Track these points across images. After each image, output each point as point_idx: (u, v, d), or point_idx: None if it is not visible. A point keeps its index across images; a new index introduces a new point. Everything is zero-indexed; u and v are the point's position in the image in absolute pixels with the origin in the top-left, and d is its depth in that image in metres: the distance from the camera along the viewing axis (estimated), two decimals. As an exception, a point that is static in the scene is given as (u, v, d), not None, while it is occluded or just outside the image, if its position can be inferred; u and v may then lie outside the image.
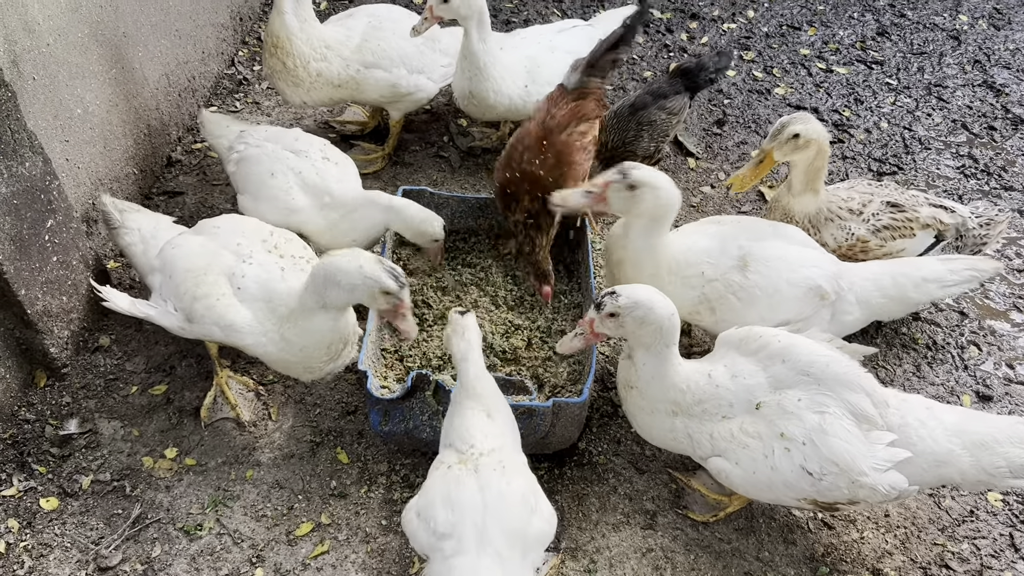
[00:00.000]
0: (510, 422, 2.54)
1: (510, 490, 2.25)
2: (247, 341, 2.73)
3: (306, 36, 3.63)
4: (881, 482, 2.40)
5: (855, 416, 2.43)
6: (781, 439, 2.46)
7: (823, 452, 2.40)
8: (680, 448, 2.68)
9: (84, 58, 3.29)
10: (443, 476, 2.32)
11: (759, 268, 2.88)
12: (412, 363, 3.17)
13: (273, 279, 2.77)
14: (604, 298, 2.49)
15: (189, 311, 2.74)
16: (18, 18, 2.87)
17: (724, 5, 5.72)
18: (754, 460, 2.49)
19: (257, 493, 2.89)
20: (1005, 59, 5.34)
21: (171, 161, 4.11)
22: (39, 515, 2.78)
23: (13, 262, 2.79)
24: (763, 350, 2.58)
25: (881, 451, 2.41)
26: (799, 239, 3.05)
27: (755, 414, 2.52)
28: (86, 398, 3.12)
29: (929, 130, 4.77)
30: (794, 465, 2.44)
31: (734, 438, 2.52)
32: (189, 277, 2.76)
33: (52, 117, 3.12)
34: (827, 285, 2.93)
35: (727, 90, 4.96)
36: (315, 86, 3.74)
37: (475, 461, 2.32)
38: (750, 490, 2.57)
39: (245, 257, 2.79)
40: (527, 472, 2.41)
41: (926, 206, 3.36)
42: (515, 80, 3.84)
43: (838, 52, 5.35)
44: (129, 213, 3.14)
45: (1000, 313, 3.74)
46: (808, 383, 2.49)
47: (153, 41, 3.82)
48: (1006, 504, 3.03)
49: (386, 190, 4.08)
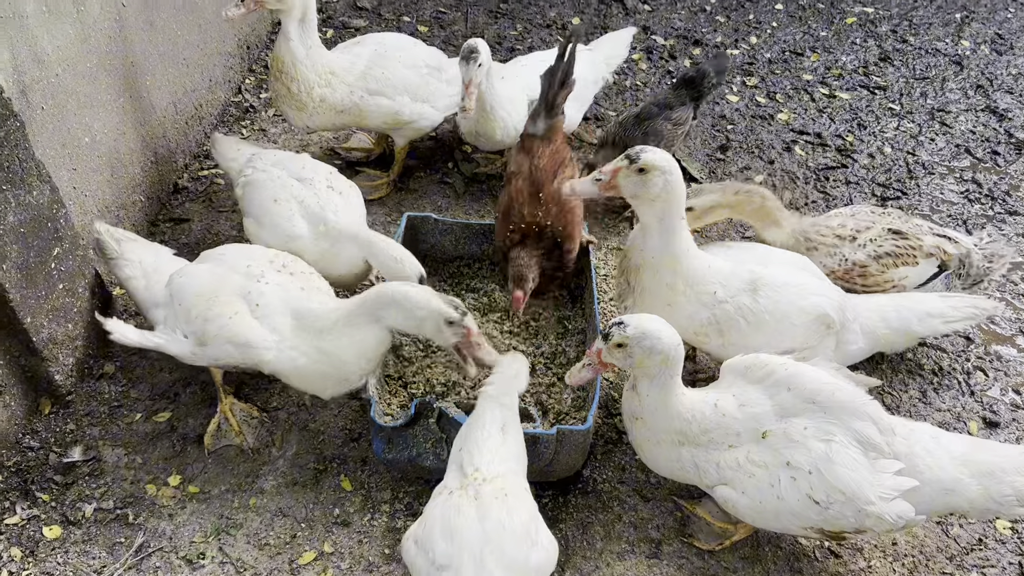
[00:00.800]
0: (519, 442, 2.54)
1: (511, 521, 2.23)
2: (266, 357, 2.74)
3: (311, 62, 3.67)
4: (888, 511, 2.38)
5: (861, 444, 2.42)
6: (787, 468, 2.44)
7: (829, 481, 2.39)
8: (686, 478, 2.67)
9: (92, 88, 3.32)
10: (444, 503, 2.31)
11: (769, 293, 2.88)
12: (416, 390, 3.17)
13: (298, 297, 2.81)
14: (612, 328, 2.48)
15: (202, 333, 2.75)
16: (28, 49, 2.90)
17: (727, 32, 5.77)
18: (760, 489, 2.47)
19: (260, 521, 2.88)
20: (1008, 84, 5.36)
21: (177, 188, 4.14)
22: (42, 544, 2.78)
23: (19, 290, 2.81)
24: (769, 378, 2.58)
25: (888, 480, 2.40)
26: (808, 268, 3.06)
27: (761, 443, 2.50)
28: (90, 425, 3.12)
29: (932, 155, 4.78)
30: (800, 494, 2.42)
31: (740, 467, 2.50)
32: (200, 301, 2.77)
33: (60, 146, 3.15)
34: (834, 314, 2.93)
35: (730, 115, 4.98)
36: (318, 111, 3.78)
37: (477, 487, 2.30)
38: (756, 519, 2.55)
39: (258, 277, 2.81)
40: (529, 500, 2.39)
41: (930, 235, 3.36)
42: (519, 112, 3.88)
43: (841, 77, 5.38)
44: (127, 243, 3.13)
45: (1006, 339, 3.73)
46: (814, 411, 2.48)
47: (161, 70, 3.87)
48: (1015, 532, 3.00)
49: (391, 216, 4.12)
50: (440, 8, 5.74)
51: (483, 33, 5.52)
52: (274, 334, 2.74)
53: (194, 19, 4.16)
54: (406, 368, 3.27)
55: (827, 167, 4.64)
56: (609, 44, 4.43)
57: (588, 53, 4.24)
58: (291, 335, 2.76)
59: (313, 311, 2.79)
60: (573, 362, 3.30)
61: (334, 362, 2.78)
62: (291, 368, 2.78)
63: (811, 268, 3.05)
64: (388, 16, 5.63)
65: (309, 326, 2.77)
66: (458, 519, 2.23)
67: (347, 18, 5.55)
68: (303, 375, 2.82)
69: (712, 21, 5.87)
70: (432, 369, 3.27)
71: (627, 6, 5.91)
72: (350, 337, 2.74)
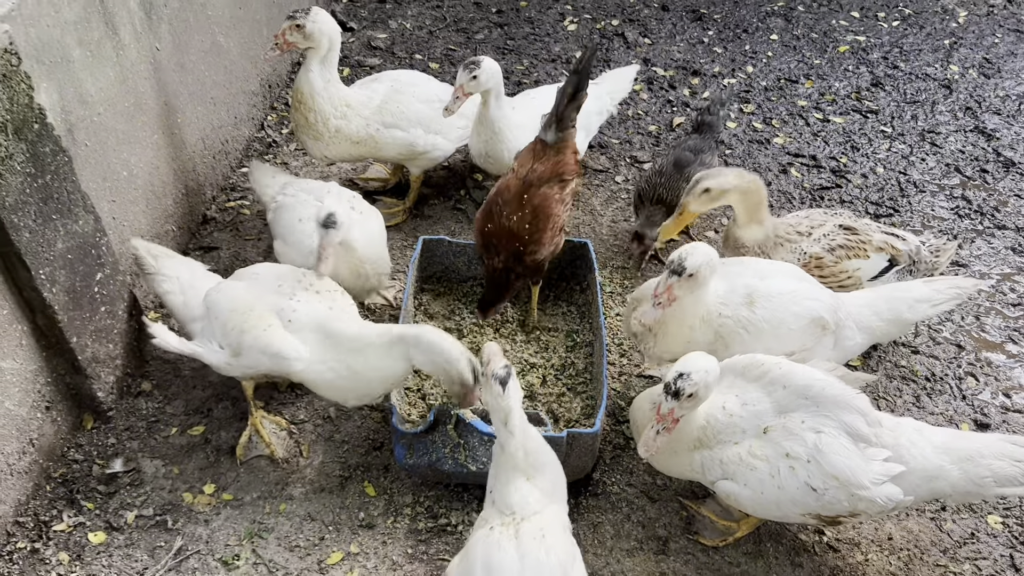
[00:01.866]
0: (554, 473, 2.55)
1: (548, 560, 2.27)
2: (296, 367, 2.94)
3: (328, 95, 3.93)
4: (879, 494, 2.56)
5: (851, 435, 2.61)
6: (787, 459, 2.62)
7: (825, 468, 2.57)
8: (692, 476, 2.85)
9: (130, 125, 3.58)
10: (485, 538, 2.35)
11: (764, 303, 3.08)
12: (434, 401, 3.37)
13: (328, 316, 2.99)
14: (679, 384, 2.55)
15: (237, 344, 2.96)
16: (74, 91, 3.16)
17: (724, 62, 6.02)
18: (761, 481, 2.65)
19: (290, 525, 3.07)
20: (996, 105, 5.57)
21: (206, 219, 4.38)
22: (87, 548, 2.97)
23: (67, 312, 3.04)
24: (765, 376, 2.76)
25: (877, 466, 2.58)
26: (798, 275, 3.25)
27: (763, 438, 2.69)
28: (130, 439, 3.33)
29: (924, 174, 4.98)
30: (799, 482, 2.60)
31: (742, 461, 2.68)
32: (235, 315, 2.99)
33: (101, 179, 3.40)
34: (828, 316, 3.12)
35: (728, 140, 5.21)
36: (334, 141, 4.04)
37: (516, 526, 2.35)
38: (758, 509, 2.72)
39: (289, 295, 3.02)
40: (567, 537, 2.43)
41: (878, 232, 3.60)
42: (527, 138, 4.10)
43: (834, 103, 5.61)
44: (164, 259, 3.35)
45: (996, 345, 3.90)
46: (808, 406, 2.67)
47: (191, 108, 4.13)
48: (1006, 526, 3.16)
49: (407, 241, 4.35)
50: (450, 46, 6.02)
51: (491, 68, 5.79)
52: (304, 347, 2.95)
53: (220, 61, 4.44)
54: (424, 381, 3.47)
55: (822, 187, 4.85)
56: (613, 79, 4.67)
57: (593, 87, 4.48)
58: (320, 349, 2.96)
59: (346, 332, 2.96)
60: (582, 373, 3.51)
61: (359, 380, 2.97)
62: (319, 379, 2.99)
63: (803, 275, 3.24)
64: (401, 54, 5.91)
65: (338, 344, 2.95)
66: (499, 555, 2.29)
67: (362, 57, 5.84)
68: (330, 387, 3.02)
69: (710, 52, 6.13)
70: (449, 383, 3.46)
71: (628, 40, 6.18)
72: (379, 361, 2.93)
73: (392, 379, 2.99)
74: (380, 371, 2.94)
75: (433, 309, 3.81)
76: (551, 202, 3.44)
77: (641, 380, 3.65)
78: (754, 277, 3.15)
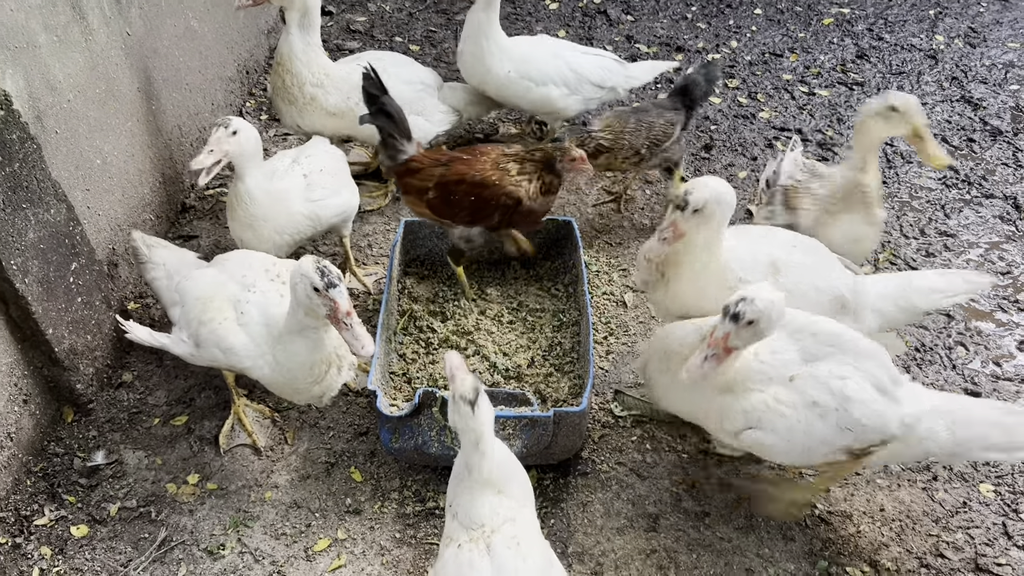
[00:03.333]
0: (521, 478, 2.40)
1: (526, 567, 2.16)
2: (245, 364, 2.88)
3: (307, 59, 3.91)
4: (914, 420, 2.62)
5: (876, 386, 2.60)
6: (814, 407, 2.59)
7: (853, 416, 2.56)
8: (703, 420, 2.79)
9: (102, 112, 3.51)
10: (455, 558, 2.20)
11: (789, 273, 2.98)
12: (419, 384, 3.32)
13: (271, 304, 2.90)
14: (740, 307, 2.43)
15: (196, 336, 2.92)
16: (41, 77, 3.09)
17: (708, 37, 5.96)
18: (790, 428, 2.60)
19: (276, 513, 3.03)
20: (981, 75, 5.53)
21: (185, 207, 4.32)
22: (70, 542, 2.93)
23: (41, 303, 2.98)
24: (792, 323, 2.70)
25: (908, 406, 2.62)
26: (823, 252, 3.15)
27: (788, 385, 2.63)
28: (111, 431, 3.28)
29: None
30: (831, 424, 2.58)
31: (769, 408, 2.61)
32: (198, 304, 2.94)
33: (74, 167, 3.33)
34: (849, 295, 3.05)
35: (713, 116, 5.16)
36: (307, 109, 4.00)
37: (487, 539, 2.20)
38: (785, 456, 2.69)
39: (249, 286, 2.95)
40: (541, 541, 2.31)
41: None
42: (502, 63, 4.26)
43: (819, 76, 5.56)
44: (157, 249, 3.32)
45: (986, 314, 3.87)
46: (834, 354, 2.64)
47: (165, 95, 4.06)
48: (998, 494, 3.14)
49: (389, 225, 4.29)
50: (430, 27, 5.95)
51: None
52: (252, 342, 2.87)
53: (195, 46, 4.36)
54: (410, 366, 3.43)
55: (808, 161, 4.81)
56: (640, 68, 4.63)
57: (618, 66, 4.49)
58: (261, 343, 2.87)
59: (275, 318, 2.84)
60: (569, 353, 3.46)
61: (284, 370, 2.86)
62: (261, 376, 2.92)
63: (828, 254, 3.14)
64: (380, 37, 5.84)
65: (271, 334, 2.85)
66: (471, 573, 2.14)
67: (341, 40, 5.76)
68: (270, 383, 2.96)
69: (693, 28, 6.07)
70: (434, 366, 3.42)
71: (611, 17, 6.12)
72: (289, 348, 2.80)
73: (307, 360, 2.80)
74: (295, 355, 2.80)
75: (417, 292, 3.76)
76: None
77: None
78: (780, 248, 3.05)
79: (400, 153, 3.53)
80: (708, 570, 2.87)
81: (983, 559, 2.93)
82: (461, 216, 3.48)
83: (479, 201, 3.41)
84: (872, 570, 2.89)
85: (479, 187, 3.39)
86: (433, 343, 3.51)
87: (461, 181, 3.41)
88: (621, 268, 4.07)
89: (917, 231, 4.33)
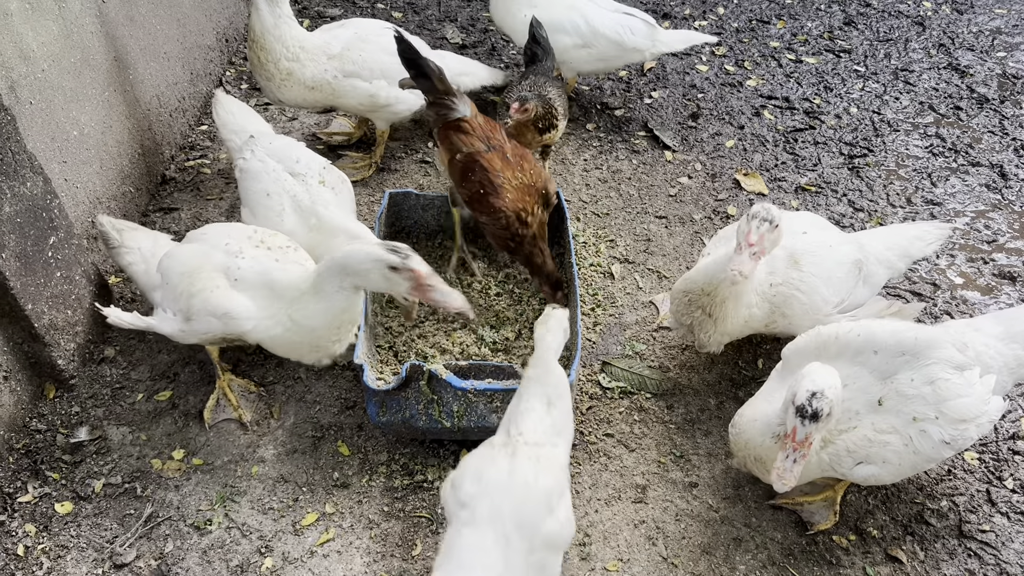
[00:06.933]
0: (567, 407, 2.56)
1: (536, 483, 2.28)
2: (245, 327, 2.86)
3: (279, 33, 3.80)
4: (991, 413, 2.65)
5: (956, 369, 2.61)
6: (915, 423, 2.57)
7: (953, 416, 2.57)
8: (822, 475, 2.74)
9: (78, 82, 3.43)
10: (482, 452, 2.41)
11: (808, 259, 3.05)
12: (406, 357, 3.30)
13: (272, 268, 2.90)
14: (816, 405, 2.35)
15: (187, 309, 2.88)
16: (14, 46, 3.00)
17: (695, 3, 5.89)
18: (898, 453, 2.59)
19: (263, 488, 3.01)
20: (969, 41, 5.50)
21: (165, 179, 4.24)
22: (55, 519, 2.90)
23: (19, 278, 2.92)
24: (847, 349, 2.66)
25: (979, 387, 2.62)
26: (821, 224, 3.23)
27: (879, 411, 2.60)
28: (94, 407, 3.24)
29: (897, 113, 4.92)
30: (934, 441, 2.58)
31: (872, 441, 2.59)
32: (184, 278, 2.90)
33: (50, 139, 3.25)
34: (861, 256, 3.14)
35: (700, 84, 5.11)
36: (285, 84, 3.91)
37: (515, 447, 2.37)
38: (897, 477, 2.70)
39: (236, 253, 2.93)
40: (561, 475, 2.40)
41: None
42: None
43: (807, 43, 5.51)
44: (128, 232, 3.26)
45: (971, 282, 3.88)
46: (909, 360, 2.61)
47: (143, 64, 3.97)
48: (982, 462, 3.16)
49: (374, 196, 4.24)
50: (413, -6, 5.85)
51: (456, 16, 5.63)
52: (252, 304, 2.86)
53: (172, 14, 4.26)
54: (396, 339, 3.40)
55: (795, 129, 4.78)
56: (673, 35, 4.56)
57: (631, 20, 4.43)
58: (266, 304, 2.87)
59: (284, 281, 2.88)
60: (556, 324, 3.44)
61: (304, 330, 2.88)
62: (268, 337, 2.91)
63: (825, 223, 3.22)
64: (362, 3, 5.73)
65: (281, 296, 2.87)
66: (490, 467, 2.32)
67: (322, 7, 5.65)
68: (279, 343, 2.95)
69: (680, -6, 5.99)
70: (423, 339, 3.40)
71: (597, -16, 6.01)
72: (316, 304, 2.82)
73: (337, 321, 2.86)
74: (321, 315, 2.83)
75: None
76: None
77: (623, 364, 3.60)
78: (792, 238, 3.07)
79: (452, 111, 3.46)
80: (696, 540, 2.89)
81: (967, 526, 2.96)
82: (464, 193, 3.44)
83: (483, 201, 3.37)
84: (858, 537, 2.91)
85: (490, 190, 3.34)
86: (420, 316, 3.48)
87: (486, 171, 3.36)
88: (608, 239, 4.04)
89: (904, 200, 4.32)
